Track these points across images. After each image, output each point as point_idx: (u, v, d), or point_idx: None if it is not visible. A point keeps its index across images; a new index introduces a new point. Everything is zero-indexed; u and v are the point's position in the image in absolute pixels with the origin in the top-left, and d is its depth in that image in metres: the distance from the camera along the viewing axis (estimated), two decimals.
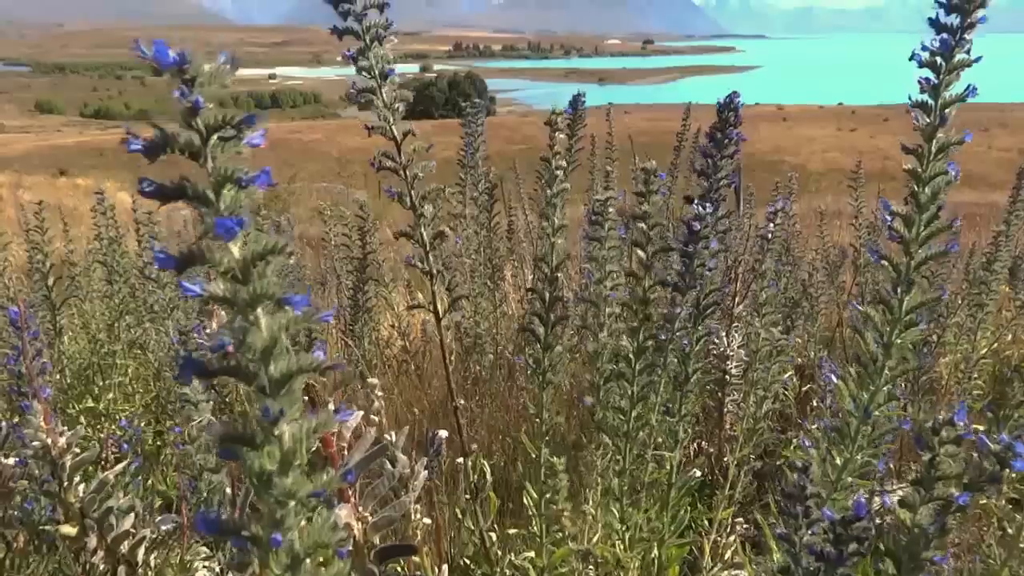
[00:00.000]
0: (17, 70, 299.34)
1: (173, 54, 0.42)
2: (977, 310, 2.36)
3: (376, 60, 1.10)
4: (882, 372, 1.01)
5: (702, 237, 1.12)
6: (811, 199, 27.01)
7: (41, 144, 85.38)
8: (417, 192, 1.18)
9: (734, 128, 1.12)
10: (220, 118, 0.45)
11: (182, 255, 0.46)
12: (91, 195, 13.74)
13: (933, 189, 0.99)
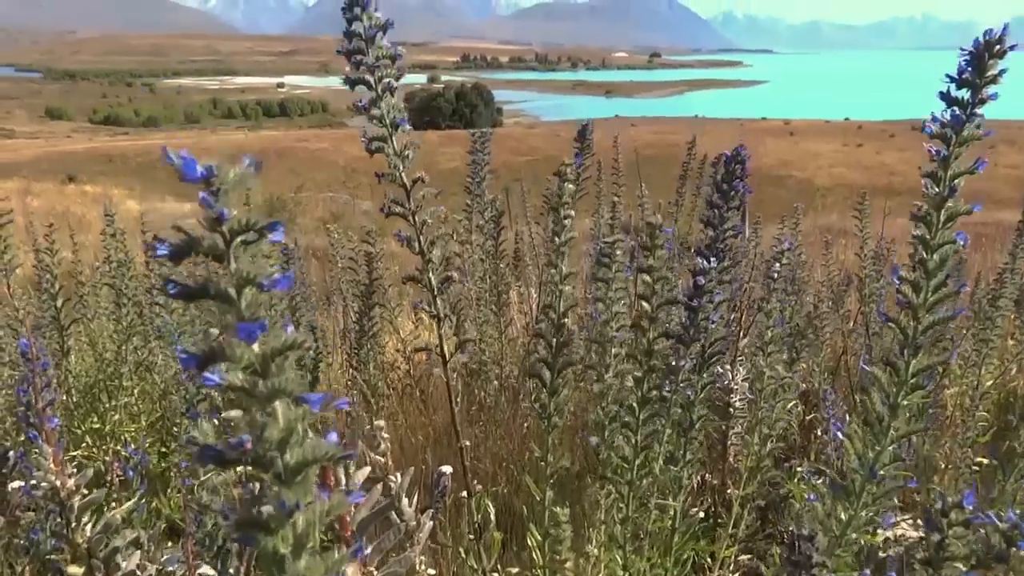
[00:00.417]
0: (28, 76, 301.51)
1: (200, 168, 0.43)
2: (982, 345, 2.37)
3: (388, 110, 1.12)
4: (888, 432, 1.02)
5: (707, 291, 1.13)
6: (817, 216, 26.99)
7: (50, 150, 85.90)
8: (426, 237, 1.19)
9: (740, 181, 1.13)
10: (243, 223, 0.46)
11: (204, 353, 0.47)
12: (99, 202, 13.86)
13: (941, 256, 1.00)
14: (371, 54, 1.09)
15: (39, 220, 14.04)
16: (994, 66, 0.94)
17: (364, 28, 1.08)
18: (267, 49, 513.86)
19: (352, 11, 1.08)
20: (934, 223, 0.99)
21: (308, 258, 12.33)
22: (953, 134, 0.96)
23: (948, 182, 0.97)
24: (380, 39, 1.09)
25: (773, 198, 73.30)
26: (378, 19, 1.09)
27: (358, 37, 1.09)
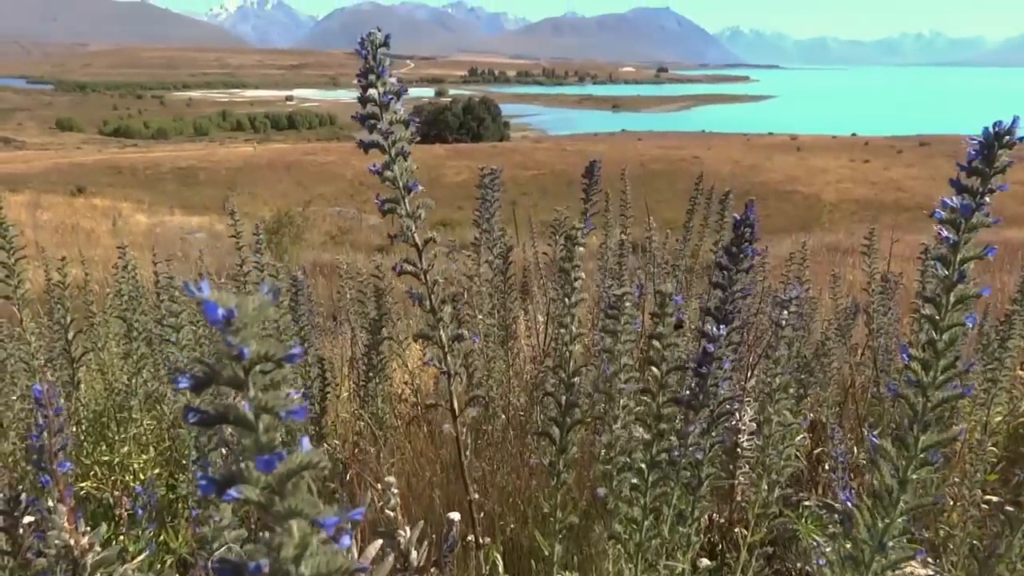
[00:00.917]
0: (40, 88, 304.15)
1: (222, 311, 0.44)
2: (991, 385, 2.36)
3: (400, 173, 1.13)
4: (897, 504, 1.02)
5: (716, 358, 1.14)
6: (824, 232, 26.83)
7: (60, 161, 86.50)
8: (436, 296, 1.20)
9: (750, 244, 1.14)
10: (262, 354, 0.47)
11: (223, 478, 0.48)
12: (108, 215, 13.93)
13: (951, 337, 1.01)
14: (385, 119, 1.11)
15: (48, 234, 14.15)
16: (1002, 156, 0.95)
17: (379, 95, 1.10)
18: (276, 63, 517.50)
19: (367, 78, 1.09)
20: (943, 304, 1.00)
21: (315, 274, 12.37)
22: (963, 220, 0.97)
23: (957, 267, 0.98)
24: (394, 105, 1.11)
25: (780, 213, 72.74)
26: (392, 85, 1.11)
27: (373, 103, 1.10)
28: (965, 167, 0.97)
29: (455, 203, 67.23)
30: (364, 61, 1.10)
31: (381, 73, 1.09)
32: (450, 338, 1.23)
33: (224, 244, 20.53)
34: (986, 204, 0.96)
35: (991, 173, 0.95)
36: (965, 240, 0.97)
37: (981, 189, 0.96)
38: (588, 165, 2.46)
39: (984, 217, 0.97)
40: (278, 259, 14.96)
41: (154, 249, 10.71)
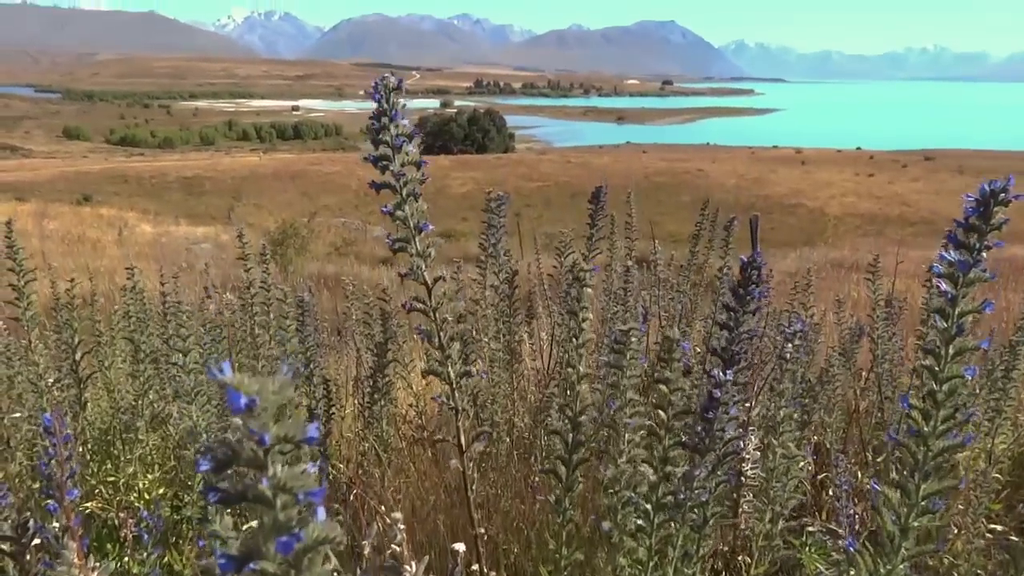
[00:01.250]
0: (47, 97, 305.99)
1: (245, 400, 0.45)
2: (995, 415, 2.36)
3: (412, 213, 1.15)
4: (899, 552, 1.02)
5: (722, 403, 1.15)
6: (829, 247, 26.76)
7: (67, 170, 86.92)
8: (445, 333, 1.21)
9: (756, 287, 1.15)
10: (281, 436, 0.48)
11: (241, 554, 0.49)
12: (114, 225, 13.97)
13: (950, 388, 1.02)
14: (397, 161, 1.12)
15: (55, 244, 14.19)
16: (998, 213, 0.96)
17: (391, 137, 1.11)
18: (283, 73, 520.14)
19: (380, 121, 1.11)
20: (943, 356, 1.01)
21: (320, 286, 12.40)
22: (960, 275, 0.98)
23: (956, 319, 0.99)
24: (407, 147, 1.12)
25: (784, 226, 72.46)
26: (404, 128, 1.12)
27: (385, 145, 1.12)
28: (962, 224, 0.98)
29: (459, 214, 67.32)
30: (378, 104, 1.11)
31: (394, 117, 1.11)
32: (458, 375, 1.24)
33: (229, 255, 20.57)
34: (983, 260, 0.97)
35: (987, 230, 0.97)
36: (963, 294, 0.98)
37: (978, 245, 0.97)
38: (594, 190, 2.48)
39: (981, 272, 0.98)
40: (282, 270, 14.98)
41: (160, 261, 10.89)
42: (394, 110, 1.11)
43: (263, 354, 2.60)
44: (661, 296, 3.12)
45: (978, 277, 0.98)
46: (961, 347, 0.99)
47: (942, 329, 1.01)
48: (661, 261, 3.13)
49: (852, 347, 3.27)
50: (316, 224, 22.37)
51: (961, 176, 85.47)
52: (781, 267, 16.45)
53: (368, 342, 2.91)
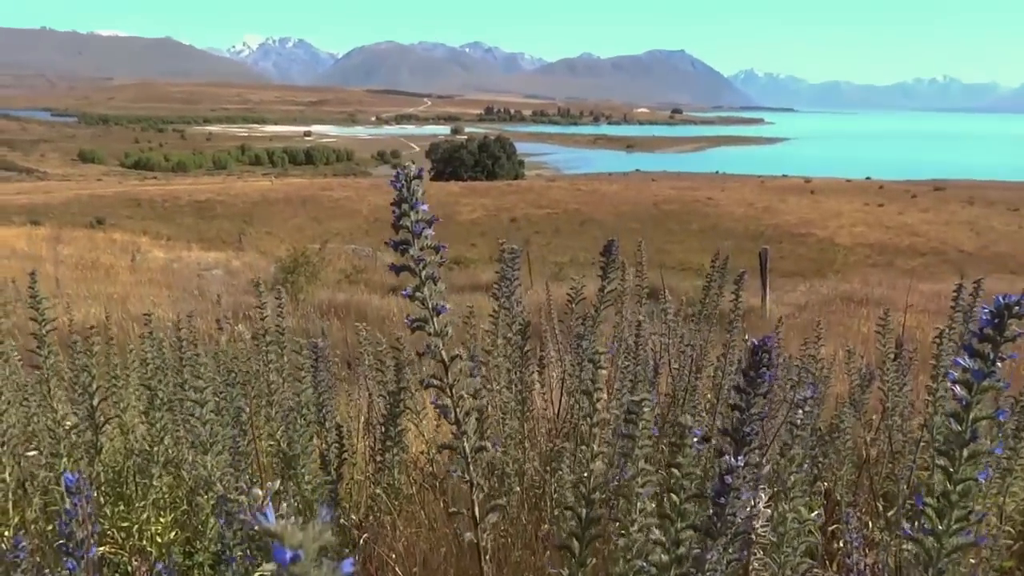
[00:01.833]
0: (63, 120, 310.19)
1: (289, 553, 0.48)
2: (1006, 474, 2.36)
3: (430, 295, 1.18)
4: None
5: (733, 488, 1.17)
6: (839, 278, 26.68)
7: (81, 193, 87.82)
8: (461, 409, 1.25)
9: (767, 370, 1.17)
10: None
11: None
12: (127, 251, 14.07)
13: (964, 490, 1.04)
14: (416, 246, 1.16)
15: (69, 270, 14.30)
16: (1012, 326, 0.99)
17: (411, 223, 1.15)
18: (296, 99, 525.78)
19: (401, 207, 1.15)
20: (957, 459, 1.03)
21: (330, 315, 12.48)
22: (975, 382, 1.01)
23: (970, 424, 1.02)
24: (426, 232, 1.16)
25: (794, 256, 71.79)
26: (424, 213, 1.16)
27: (406, 230, 1.16)
28: (977, 334, 1.01)
29: (468, 240, 67.52)
30: (398, 192, 1.15)
31: (415, 204, 1.15)
32: (473, 449, 1.27)
33: (240, 281, 20.62)
34: (998, 369, 1.00)
35: (1002, 341, 0.99)
36: (977, 400, 1.01)
37: (992, 356, 1.00)
38: (607, 244, 2.51)
39: (996, 382, 1.00)
40: (293, 298, 15.05)
41: (172, 288, 10.95)
42: (414, 197, 1.15)
43: (277, 400, 2.63)
44: (670, 343, 3.15)
45: (992, 386, 1.00)
46: (975, 451, 1.01)
47: (956, 432, 1.03)
48: (671, 310, 3.15)
49: (861, 396, 3.27)
50: (328, 253, 22.48)
51: (971, 207, 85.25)
52: (790, 299, 16.45)
53: (381, 388, 2.94)
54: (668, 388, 3.17)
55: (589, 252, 64.25)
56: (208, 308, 12.10)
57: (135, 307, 11.08)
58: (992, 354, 0.99)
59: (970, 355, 1.01)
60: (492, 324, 2.61)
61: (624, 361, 2.26)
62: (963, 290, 2.83)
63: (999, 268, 54.53)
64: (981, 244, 61.45)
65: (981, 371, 0.99)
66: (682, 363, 2.79)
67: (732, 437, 1.19)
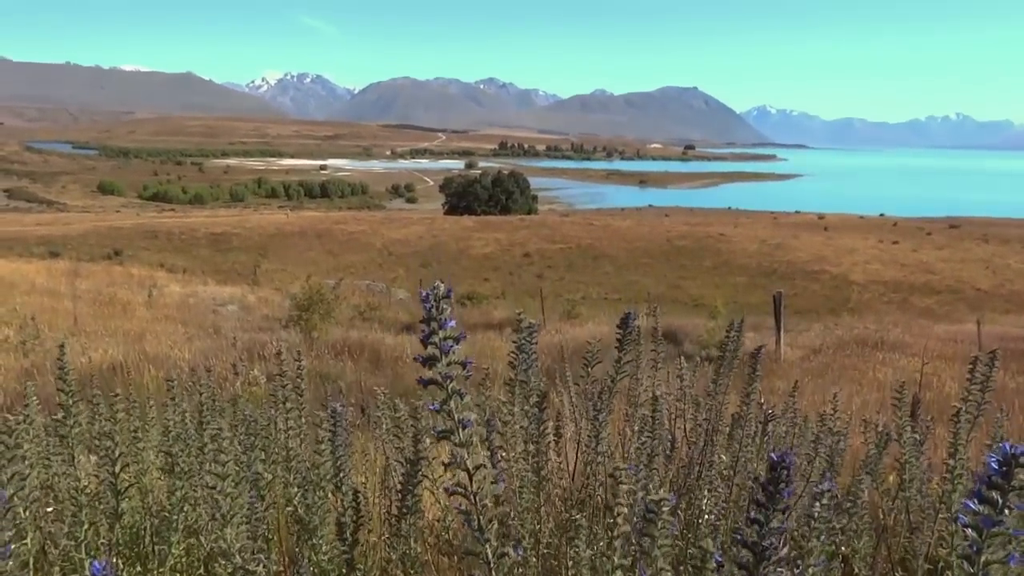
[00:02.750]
0: (85, 153, 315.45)
1: None
2: None
3: (456, 408, 1.22)
4: None
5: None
6: (853, 318, 26.47)
7: (99, 224, 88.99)
8: (484, 516, 1.27)
9: (787, 486, 1.19)
10: None
11: None
12: (144, 285, 14.17)
13: None
14: (444, 362, 1.20)
15: (87, 305, 14.38)
16: (1020, 475, 1.01)
17: (439, 340, 1.19)
18: (312, 133, 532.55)
19: (430, 325, 1.19)
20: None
21: (344, 355, 12.51)
22: (986, 528, 1.02)
23: (982, 567, 1.03)
24: (452, 350, 1.20)
25: (807, 293, 70.77)
26: (451, 330, 1.20)
27: (434, 346, 1.20)
28: (986, 482, 1.03)
29: (481, 275, 67.68)
30: (427, 311, 1.19)
31: (443, 324, 1.19)
32: (496, 554, 1.29)
33: (254, 317, 20.68)
34: (1006, 518, 1.01)
35: (1009, 490, 1.01)
36: (988, 544, 1.02)
37: (1001, 503, 1.01)
38: (624, 316, 2.54)
39: (1004, 529, 1.02)
40: (307, 336, 15.12)
41: (187, 324, 10.97)
42: (442, 316, 1.19)
43: (295, 467, 2.66)
44: (686, 408, 3.16)
45: (1001, 532, 1.02)
46: None
47: (968, 573, 1.04)
48: (687, 377, 3.16)
49: (878, 463, 3.26)
50: (343, 291, 22.60)
51: (987, 244, 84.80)
52: (804, 340, 16.35)
53: (398, 454, 2.96)
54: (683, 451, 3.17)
55: (602, 287, 64.16)
56: (223, 346, 12.18)
57: (151, 345, 11.18)
58: (1001, 502, 1.01)
59: (979, 501, 1.03)
60: (509, 392, 2.64)
61: (640, 438, 2.28)
62: (979, 362, 2.82)
63: (1016, 307, 53.97)
64: (997, 282, 60.95)
65: (990, 518, 1.01)
66: (697, 435, 2.80)
67: (752, 550, 1.21)
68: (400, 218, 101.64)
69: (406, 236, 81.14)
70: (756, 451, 3.04)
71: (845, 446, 2.95)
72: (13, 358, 9.67)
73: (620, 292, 62.36)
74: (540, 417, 2.47)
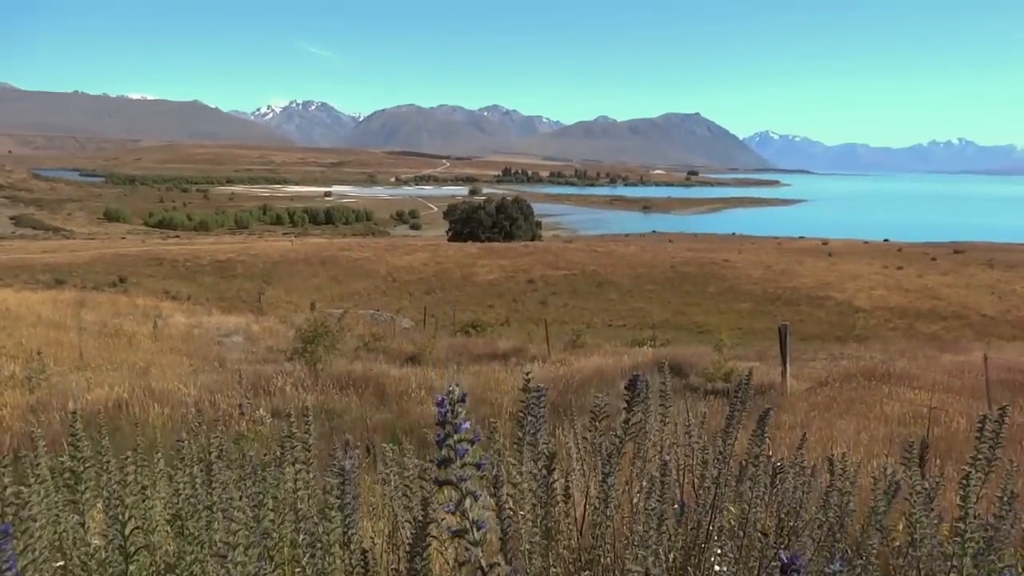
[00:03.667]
0: (91, 180, 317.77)
1: None
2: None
3: (471, 509, 1.23)
4: None
5: None
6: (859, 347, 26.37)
7: (105, 252, 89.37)
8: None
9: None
10: None
11: None
12: (150, 316, 14.17)
13: None
14: (458, 463, 1.21)
15: (93, 338, 14.36)
16: None
17: (454, 442, 1.21)
18: (317, 160, 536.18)
19: (445, 428, 1.21)
20: None
21: (348, 390, 12.48)
22: None
23: None
24: (467, 452, 1.21)
25: (812, 319, 70.21)
26: (466, 433, 1.22)
27: (449, 448, 1.21)
28: None
29: (486, 302, 67.67)
30: (442, 415, 1.21)
31: (458, 427, 1.20)
32: None
33: (259, 348, 20.67)
34: None
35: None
36: None
37: None
38: (631, 378, 2.54)
39: None
40: (311, 368, 15.10)
41: (192, 356, 10.94)
42: (457, 419, 1.21)
43: (304, 528, 2.66)
44: (694, 463, 3.15)
45: None
46: None
47: None
48: (694, 433, 3.16)
49: (887, 514, 3.24)
50: (347, 322, 22.59)
51: (992, 270, 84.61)
52: (810, 371, 16.27)
53: (406, 513, 2.95)
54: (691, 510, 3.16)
55: (607, 314, 64.10)
56: (228, 380, 12.17)
57: (157, 380, 11.18)
58: None
59: None
60: (516, 453, 2.64)
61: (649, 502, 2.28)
62: (987, 420, 2.82)
63: (1022, 333, 53.65)
64: (1003, 308, 60.71)
65: None
66: (706, 496, 2.80)
67: None
68: (404, 245, 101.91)
69: (410, 263, 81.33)
70: (765, 506, 3.03)
71: (855, 506, 2.94)
72: (19, 394, 9.68)
73: (625, 319, 62.26)
74: (548, 481, 2.48)
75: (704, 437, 3.28)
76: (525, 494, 2.68)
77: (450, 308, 57.68)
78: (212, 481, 2.62)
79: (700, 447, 3.03)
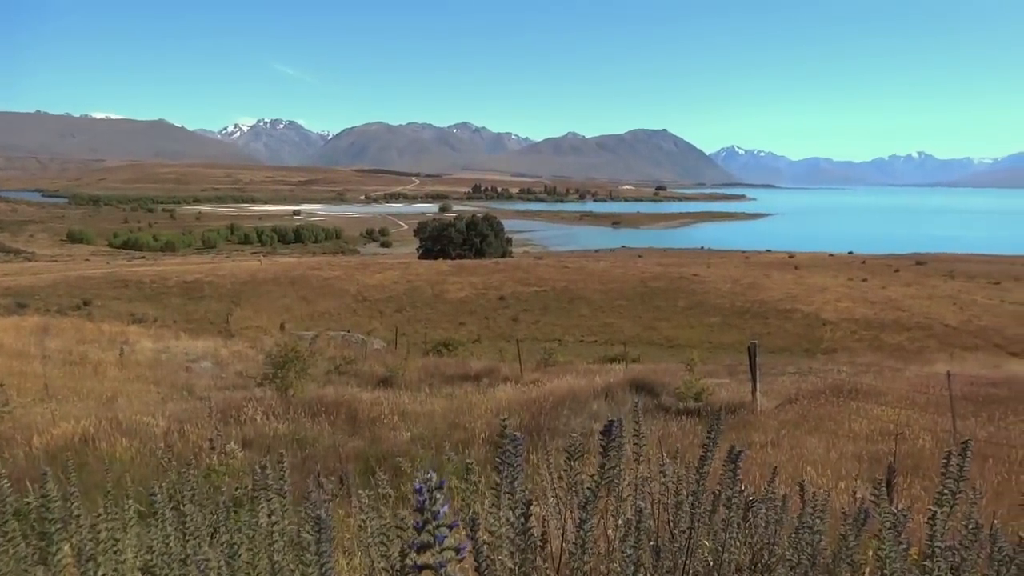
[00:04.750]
0: (54, 201, 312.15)
1: None
2: None
3: None
4: None
5: None
6: (826, 360, 26.71)
7: (69, 274, 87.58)
8: None
9: None
10: None
11: None
12: (116, 342, 13.86)
13: None
14: (437, 548, 1.23)
15: (57, 367, 14.05)
16: None
17: (433, 528, 1.22)
18: (286, 178, 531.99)
19: (423, 514, 1.22)
20: None
21: (319, 415, 12.35)
22: None
23: None
24: (445, 538, 1.23)
25: (780, 331, 70.81)
26: (444, 518, 1.23)
27: (428, 534, 1.22)
28: None
29: (457, 319, 67.46)
30: (420, 503, 1.22)
31: (436, 514, 1.22)
32: None
33: (228, 373, 20.37)
34: None
35: None
36: None
37: None
38: (606, 425, 2.57)
39: None
40: (282, 394, 14.93)
41: (160, 384, 10.78)
42: (435, 506, 1.22)
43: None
44: (668, 505, 3.18)
45: None
46: None
47: None
48: (669, 472, 3.19)
49: (856, 542, 3.29)
50: (319, 347, 22.40)
51: (953, 280, 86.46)
52: (779, 387, 16.43)
53: (384, 561, 2.94)
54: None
55: (579, 330, 64.26)
56: (197, 408, 11.99)
57: (124, 411, 10.98)
58: None
59: None
60: (494, 500, 2.65)
61: (624, 547, 2.30)
62: (952, 456, 2.89)
63: (984, 342, 54.73)
64: (965, 318, 61.97)
65: None
66: (680, 539, 2.82)
67: None
68: (375, 263, 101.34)
69: (381, 281, 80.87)
70: (738, 544, 3.07)
71: (825, 544, 2.97)
72: None
73: (596, 334, 62.48)
74: (526, 527, 2.50)
75: (678, 470, 3.33)
76: (503, 540, 2.69)
77: (421, 327, 57.49)
78: (186, 533, 2.60)
79: (674, 486, 3.07)
